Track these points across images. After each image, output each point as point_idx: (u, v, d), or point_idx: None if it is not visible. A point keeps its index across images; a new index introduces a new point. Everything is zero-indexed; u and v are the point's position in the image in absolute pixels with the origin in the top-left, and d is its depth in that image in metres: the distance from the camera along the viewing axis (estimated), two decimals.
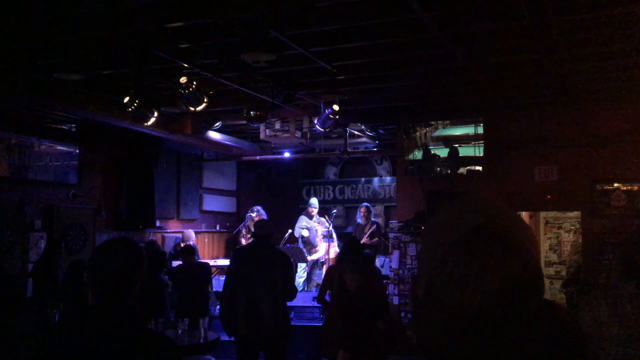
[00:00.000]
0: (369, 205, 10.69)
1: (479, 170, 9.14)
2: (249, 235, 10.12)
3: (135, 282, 2.14)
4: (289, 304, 5.86)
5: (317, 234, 10.84)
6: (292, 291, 5.78)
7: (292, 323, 7.23)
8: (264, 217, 10.30)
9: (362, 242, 10.27)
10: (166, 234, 10.82)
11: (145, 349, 2.02)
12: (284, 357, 5.69)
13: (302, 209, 12.23)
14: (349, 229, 12.45)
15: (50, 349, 2.01)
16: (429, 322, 1.02)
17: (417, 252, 8.85)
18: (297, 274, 10.45)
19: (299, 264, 10.22)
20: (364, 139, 11.01)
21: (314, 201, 11.34)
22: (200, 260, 8.88)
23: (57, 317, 5.81)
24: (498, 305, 0.96)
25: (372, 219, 10.58)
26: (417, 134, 10.23)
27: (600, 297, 2.57)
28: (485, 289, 0.96)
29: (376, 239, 10.22)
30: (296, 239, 10.89)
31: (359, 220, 10.54)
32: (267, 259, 5.65)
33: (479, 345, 0.96)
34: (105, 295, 2.09)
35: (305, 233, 10.81)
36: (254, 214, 10.48)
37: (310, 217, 11.05)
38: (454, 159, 9.17)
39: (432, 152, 9.72)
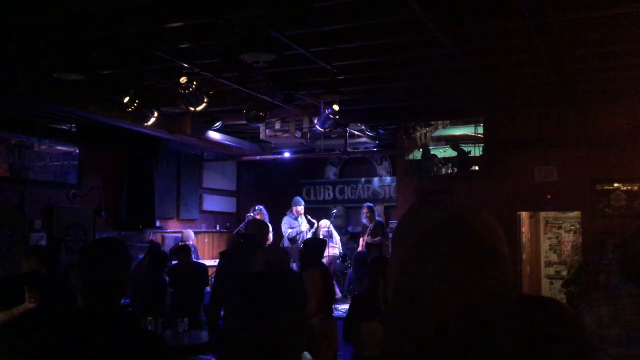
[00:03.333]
0: (370, 205, 10.64)
1: (478, 170, 9.14)
2: None
3: (124, 282, 2.15)
4: None
5: (304, 235, 10.32)
6: None
7: None
8: (266, 216, 10.19)
9: (364, 241, 10.29)
10: (166, 234, 10.81)
11: (137, 348, 2.02)
12: None
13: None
14: (349, 229, 12.45)
15: (40, 351, 2.01)
16: (402, 326, 0.99)
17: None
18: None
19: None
20: (364, 139, 11.00)
21: (299, 199, 10.75)
22: (197, 261, 8.86)
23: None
24: (480, 307, 0.94)
25: (377, 218, 10.54)
26: (417, 134, 10.25)
27: (601, 298, 2.57)
28: (459, 290, 0.94)
29: (378, 237, 10.17)
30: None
31: (364, 220, 10.52)
32: (253, 259, 5.54)
33: (468, 350, 0.94)
34: (94, 296, 2.10)
35: (291, 232, 10.41)
36: (255, 213, 10.37)
37: (296, 217, 10.57)
38: (464, 159, 9.15)
39: (433, 152, 9.73)
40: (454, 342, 0.94)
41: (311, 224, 10.70)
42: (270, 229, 10.23)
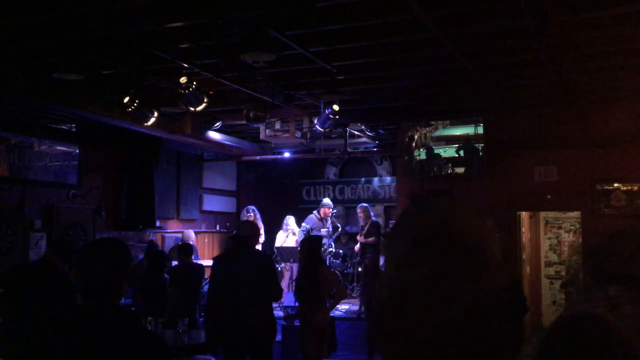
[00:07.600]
0: (365, 205, 10.49)
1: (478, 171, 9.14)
2: None
3: (122, 282, 2.16)
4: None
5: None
6: (277, 290, 5.68)
7: (294, 323, 7.21)
8: (259, 217, 10.20)
9: (359, 241, 10.25)
10: (166, 234, 10.81)
11: (135, 347, 2.04)
12: (269, 358, 5.59)
13: (302, 209, 12.19)
14: (347, 229, 12.43)
15: (39, 349, 2.02)
16: (397, 329, 0.99)
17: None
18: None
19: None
20: (364, 139, 10.99)
21: (328, 202, 10.91)
22: (195, 262, 8.85)
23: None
24: (472, 308, 0.94)
25: (373, 218, 10.48)
26: (417, 134, 10.24)
27: (580, 300, 2.62)
28: (451, 294, 0.94)
29: (372, 237, 10.05)
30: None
31: (360, 221, 10.49)
32: (247, 261, 5.51)
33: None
34: (94, 295, 2.11)
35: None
36: (249, 214, 10.34)
37: (321, 219, 10.57)
38: (473, 158, 9.13)
39: (435, 152, 9.72)
40: (448, 344, 0.94)
41: (335, 229, 10.62)
42: (262, 229, 10.26)
